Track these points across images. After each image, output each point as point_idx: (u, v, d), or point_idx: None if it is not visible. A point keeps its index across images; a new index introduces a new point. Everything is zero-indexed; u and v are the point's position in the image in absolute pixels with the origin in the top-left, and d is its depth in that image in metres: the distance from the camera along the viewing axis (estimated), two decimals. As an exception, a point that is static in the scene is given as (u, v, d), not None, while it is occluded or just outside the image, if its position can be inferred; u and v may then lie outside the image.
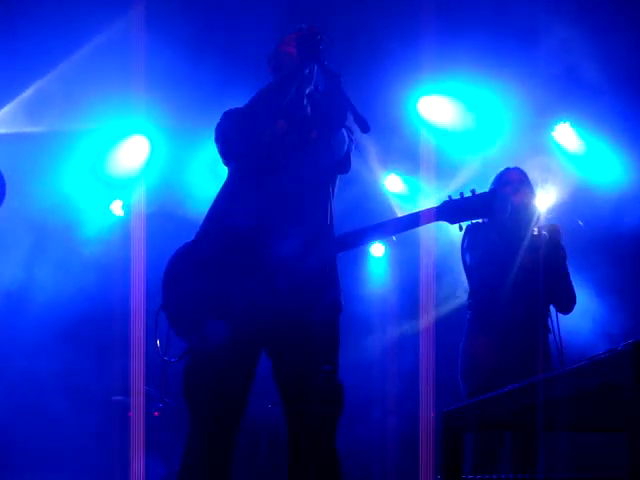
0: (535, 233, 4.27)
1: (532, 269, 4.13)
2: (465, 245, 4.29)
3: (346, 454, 3.08)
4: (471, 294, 4.32)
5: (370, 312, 7.38)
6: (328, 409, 2.93)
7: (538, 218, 4.30)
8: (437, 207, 3.11)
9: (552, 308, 4.25)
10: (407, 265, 7.24)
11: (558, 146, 6.87)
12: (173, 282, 3.06)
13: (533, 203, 4.31)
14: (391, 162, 7.02)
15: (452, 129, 6.66)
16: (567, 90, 6.37)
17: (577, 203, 7.02)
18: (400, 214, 7.21)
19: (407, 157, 6.79)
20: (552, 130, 6.77)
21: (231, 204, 3.13)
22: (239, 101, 3.43)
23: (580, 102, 6.47)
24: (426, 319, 6.60)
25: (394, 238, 6.92)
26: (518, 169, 4.42)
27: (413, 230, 3.34)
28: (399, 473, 6.92)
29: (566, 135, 6.74)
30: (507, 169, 4.42)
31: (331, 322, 3.03)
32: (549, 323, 4.21)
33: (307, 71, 3.15)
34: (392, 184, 7.25)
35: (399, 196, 7.27)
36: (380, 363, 7.36)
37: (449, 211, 3.07)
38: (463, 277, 4.46)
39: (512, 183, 4.29)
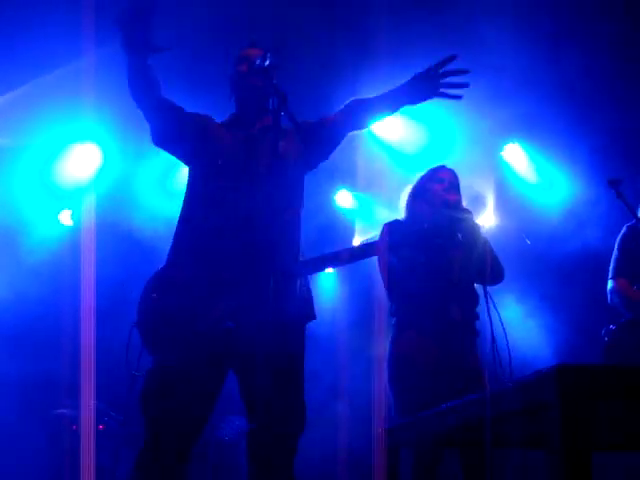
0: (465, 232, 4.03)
1: (464, 268, 4.00)
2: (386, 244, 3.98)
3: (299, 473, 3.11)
4: (396, 298, 4.04)
5: (320, 328, 7.38)
6: (291, 426, 2.98)
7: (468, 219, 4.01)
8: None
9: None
10: (357, 279, 7.27)
11: (507, 165, 6.99)
12: (146, 299, 3.09)
13: (462, 204, 4.08)
14: (342, 177, 7.07)
15: (403, 146, 6.71)
16: (517, 111, 6.47)
17: (525, 221, 7.17)
18: (349, 229, 7.31)
19: (358, 173, 6.84)
20: (501, 150, 6.89)
21: (198, 221, 3.18)
22: (194, 106, 3.48)
23: (530, 123, 6.59)
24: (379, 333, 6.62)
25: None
26: (451, 170, 4.23)
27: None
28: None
29: (515, 155, 6.87)
30: (441, 167, 4.26)
31: (298, 340, 3.08)
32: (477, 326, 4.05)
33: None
34: (342, 199, 7.31)
35: (349, 211, 7.33)
36: (331, 379, 7.35)
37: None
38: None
39: (443, 181, 4.11)
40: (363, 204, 7.29)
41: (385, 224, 4.06)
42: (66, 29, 5.40)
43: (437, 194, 4.04)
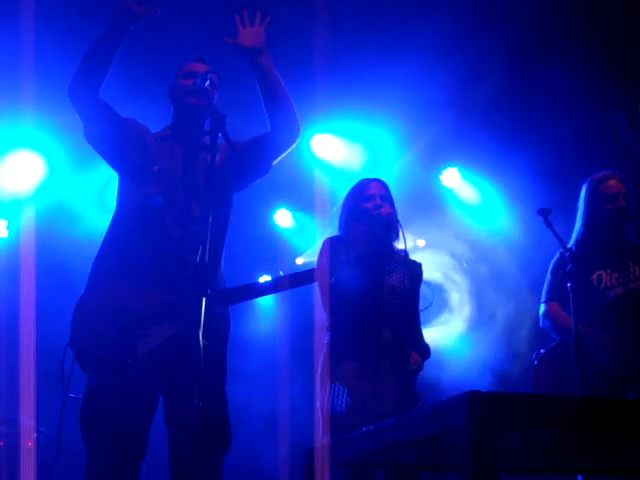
0: (401, 250, 4.08)
1: (399, 289, 4.01)
2: (324, 260, 4.01)
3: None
4: (332, 314, 4.00)
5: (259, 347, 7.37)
6: (218, 446, 3.00)
7: (402, 233, 4.05)
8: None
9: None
10: (297, 297, 7.29)
11: (446, 189, 7.11)
12: (81, 320, 3.09)
13: (396, 217, 4.08)
14: (281, 197, 7.10)
15: (343, 165, 6.78)
16: (457, 135, 6.58)
17: (463, 244, 7.28)
18: (288, 248, 7.33)
19: (297, 192, 6.89)
20: (440, 174, 7.00)
21: (132, 237, 3.18)
22: (140, 112, 3.48)
23: (468, 148, 6.71)
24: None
25: (281, 272, 7.00)
26: (379, 181, 4.21)
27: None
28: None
29: (453, 179, 6.99)
30: (367, 181, 4.22)
31: (220, 357, 3.11)
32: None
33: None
34: (282, 219, 7.35)
35: (288, 230, 7.37)
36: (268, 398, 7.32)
37: None
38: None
39: (374, 198, 4.07)
40: (302, 223, 7.34)
41: (326, 239, 4.09)
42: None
43: (370, 213, 4.02)
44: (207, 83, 3.30)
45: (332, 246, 4.00)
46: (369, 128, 6.62)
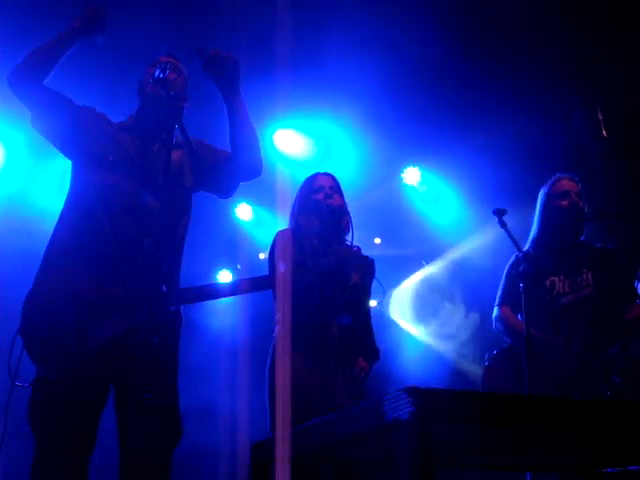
0: (353, 245, 4.07)
1: (349, 283, 4.00)
2: (276, 255, 4.01)
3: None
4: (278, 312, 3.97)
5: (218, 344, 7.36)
6: (167, 442, 2.99)
7: (351, 225, 4.04)
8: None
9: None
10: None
11: (406, 187, 7.15)
12: (32, 308, 3.04)
13: (346, 208, 4.09)
14: (242, 191, 7.07)
15: (304, 162, 6.79)
16: (416, 135, 6.62)
17: (422, 242, 7.33)
18: (248, 242, 7.32)
19: (258, 187, 6.86)
20: (400, 172, 7.04)
21: (80, 232, 3.14)
22: (101, 103, 3.45)
23: (428, 148, 6.75)
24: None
25: (239, 266, 7.00)
26: (327, 174, 4.23)
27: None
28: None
29: (413, 177, 7.03)
30: (317, 174, 4.23)
31: (171, 354, 3.09)
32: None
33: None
34: (242, 213, 7.34)
35: (248, 224, 7.36)
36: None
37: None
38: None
39: (323, 189, 4.09)
40: (263, 217, 7.34)
41: (277, 232, 4.07)
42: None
43: (320, 204, 4.03)
44: (167, 72, 3.27)
45: (282, 239, 3.98)
46: (330, 125, 6.64)
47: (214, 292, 3.47)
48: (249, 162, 3.46)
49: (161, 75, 3.26)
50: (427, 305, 7.61)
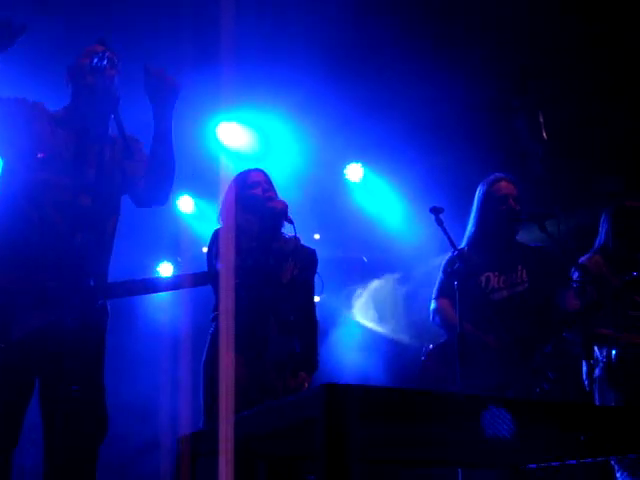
0: (292, 237, 4.06)
1: (286, 279, 3.97)
2: (215, 251, 3.95)
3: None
4: (216, 307, 3.95)
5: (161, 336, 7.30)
6: (90, 434, 2.97)
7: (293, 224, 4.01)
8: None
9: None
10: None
11: (350, 183, 7.18)
12: None
13: (287, 210, 4.02)
14: (184, 183, 7.04)
15: (248, 155, 6.76)
16: (360, 133, 6.65)
17: (363, 239, 7.36)
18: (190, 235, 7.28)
19: (200, 179, 6.84)
20: (343, 168, 7.06)
21: (16, 222, 3.09)
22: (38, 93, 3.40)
23: (372, 145, 6.78)
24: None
25: (179, 259, 6.95)
26: (259, 169, 4.20)
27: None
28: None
29: (356, 174, 7.06)
30: (248, 171, 4.18)
31: (97, 348, 3.06)
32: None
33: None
34: (184, 205, 7.29)
35: (190, 216, 7.32)
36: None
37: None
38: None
39: (259, 184, 4.07)
40: (205, 210, 7.30)
41: (215, 230, 4.04)
42: None
43: (258, 199, 3.99)
44: (104, 62, 3.24)
45: (225, 238, 3.93)
46: (274, 119, 6.63)
47: (149, 287, 3.43)
48: (157, 185, 3.35)
49: (99, 64, 3.22)
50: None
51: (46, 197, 3.08)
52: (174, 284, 3.34)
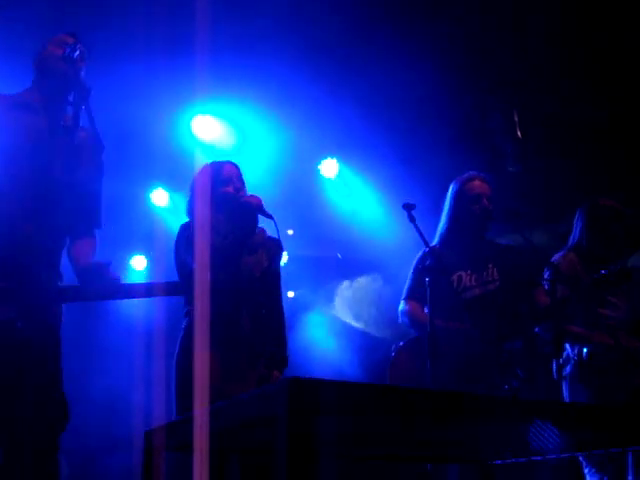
0: (259, 229, 4.03)
1: (257, 273, 3.94)
2: (186, 247, 3.89)
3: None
4: (188, 302, 3.92)
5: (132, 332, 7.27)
6: (47, 426, 2.94)
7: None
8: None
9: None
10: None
11: (323, 179, 7.17)
12: None
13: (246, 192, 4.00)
14: (158, 176, 7.02)
15: (222, 149, 6.73)
16: (336, 128, 6.64)
17: (337, 234, 7.36)
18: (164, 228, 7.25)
19: (175, 172, 6.81)
20: (319, 163, 7.06)
21: None
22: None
23: (346, 141, 6.78)
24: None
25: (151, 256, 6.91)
26: (233, 163, 4.13)
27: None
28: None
29: (331, 169, 7.06)
30: (223, 163, 4.12)
31: (53, 346, 3.05)
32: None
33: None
34: (158, 198, 7.25)
35: (163, 210, 7.28)
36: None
37: None
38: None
39: (232, 181, 4.01)
40: (179, 203, 7.26)
41: (181, 226, 4.01)
42: None
43: (228, 199, 3.94)
44: (77, 53, 3.21)
45: (188, 233, 3.90)
46: (250, 112, 6.60)
47: (119, 291, 3.36)
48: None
49: (71, 54, 3.20)
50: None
51: (2, 189, 3.05)
52: (145, 291, 3.30)
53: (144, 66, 5.57)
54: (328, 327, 8.09)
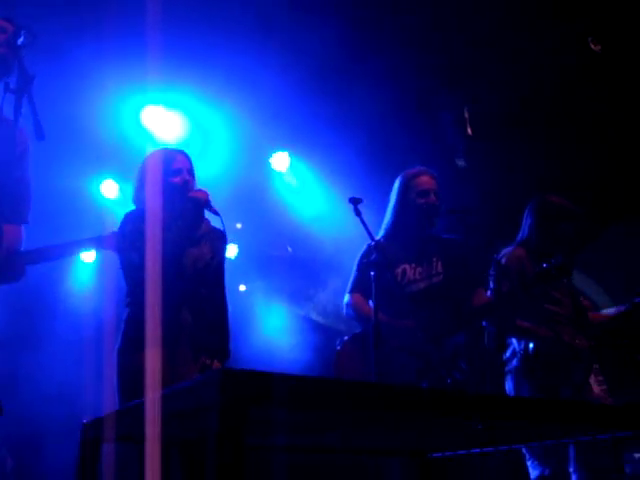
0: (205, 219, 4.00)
1: (200, 265, 3.91)
2: (130, 238, 3.81)
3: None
4: (130, 293, 3.89)
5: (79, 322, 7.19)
6: None
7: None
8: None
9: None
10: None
11: (275, 172, 7.17)
12: None
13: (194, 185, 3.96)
14: (108, 168, 6.94)
15: (172, 140, 6.66)
16: (288, 121, 6.63)
17: (286, 228, 7.36)
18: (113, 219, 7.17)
19: (124, 163, 6.74)
20: (270, 157, 7.04)
21: None
22: None
23: (297, 134, 6.77)
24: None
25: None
26: (184, 153, 4.06)
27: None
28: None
29: (282, 163, 7.05)
30: (175, 152, 4.06)
31: None
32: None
33: None
34: (108, 190, 7.18)
35: (113, 202, 7.20)
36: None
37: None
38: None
39: (182, 172, 3.95)
40: (129, 195, 7.18)
41: (126, 214, 3.95)
42: None
43: (176, 190, 3.88)
44: (21, 39, 3.16)
45: (134, 221, 3.85)
46: (201, 103, 6.55)
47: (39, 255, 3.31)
48: None
49: (11, 39, 3.15)
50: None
51: None
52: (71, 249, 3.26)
53: (91, 54, 5.49)
54: (280, 320, 8.09)
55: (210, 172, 6.22)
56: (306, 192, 7.23)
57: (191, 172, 4.00)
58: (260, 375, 1.59)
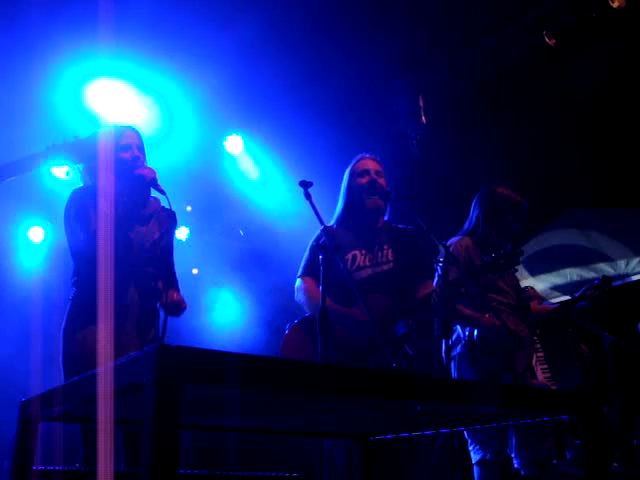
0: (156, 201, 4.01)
1: (147, 244, 3.90)
2: (77, 215, 3.81)
3: None
4: (76, 272, 3.89)
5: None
6: None
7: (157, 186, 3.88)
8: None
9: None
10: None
11: (228, 155, 7.13)
12: None
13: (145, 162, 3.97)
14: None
15: (122, 117, 6.54)
16: (241, 104, 6.60)
17: (240, 213, 7.34)
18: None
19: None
20: (224, 140, 7.00)
21: None
22: None
23: (252, 116, 6.74)
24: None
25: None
26: (135, 130, 4.07)
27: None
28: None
29: (236, 146, 7.01)
30: (125, 129, 4.04)
31: None
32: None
33: None
34: (59, 170, 7.05)
35: (63, 181, 7.09)
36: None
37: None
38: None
39: (132, 148, 3.94)
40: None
41: (74, 191, 3.92)
42: None
43: (125, 166, 3.87)
44: None
45: (81, 198, 3.83)
46: (158, 79, 6.44)
47: None
48: None
49: None
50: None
51: None
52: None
53: (40, 26, 5.40)
54: (233, 304, 8.07)
55: (162, 152, 6.16)
56: (262, 176, 7.20)
57: (141, 148, 3.98)
58: (196, 352, 1.59)
